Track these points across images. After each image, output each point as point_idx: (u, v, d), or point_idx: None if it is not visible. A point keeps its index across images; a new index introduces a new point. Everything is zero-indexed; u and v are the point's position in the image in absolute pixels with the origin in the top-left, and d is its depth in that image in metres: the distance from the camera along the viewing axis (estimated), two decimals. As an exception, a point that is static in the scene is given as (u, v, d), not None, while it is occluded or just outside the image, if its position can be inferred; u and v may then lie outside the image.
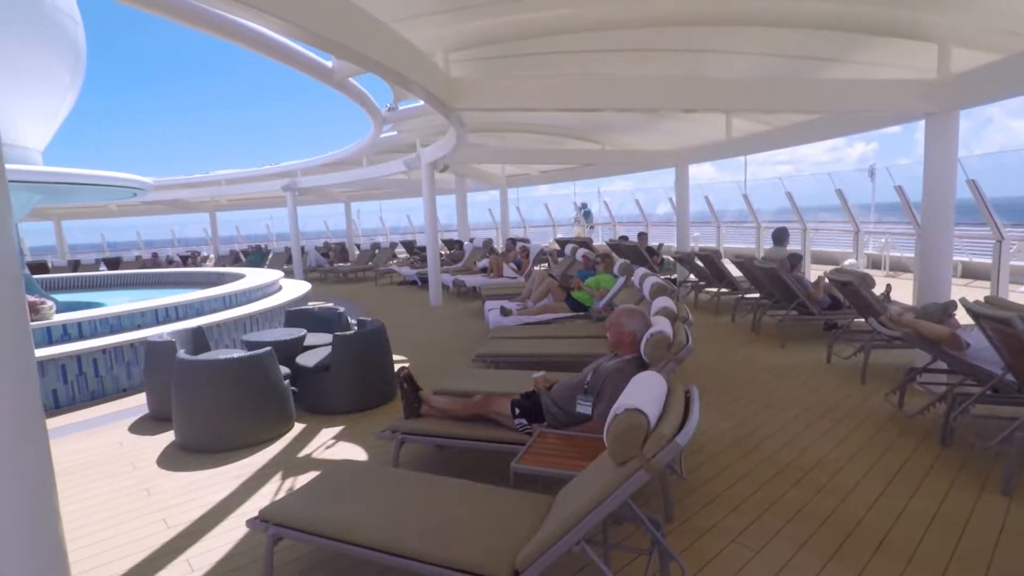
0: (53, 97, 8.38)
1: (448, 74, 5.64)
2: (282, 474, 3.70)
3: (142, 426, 4.73)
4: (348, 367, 4.72)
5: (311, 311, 6.23)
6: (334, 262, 18.26)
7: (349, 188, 20.30)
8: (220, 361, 4.13)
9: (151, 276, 12.51)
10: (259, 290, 8.35)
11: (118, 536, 3.04)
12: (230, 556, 2.80)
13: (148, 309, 6.50)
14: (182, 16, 3.38)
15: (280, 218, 26.83)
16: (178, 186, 20.19)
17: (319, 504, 2.47)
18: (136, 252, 23.78)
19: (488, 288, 9.74)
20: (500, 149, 13.12)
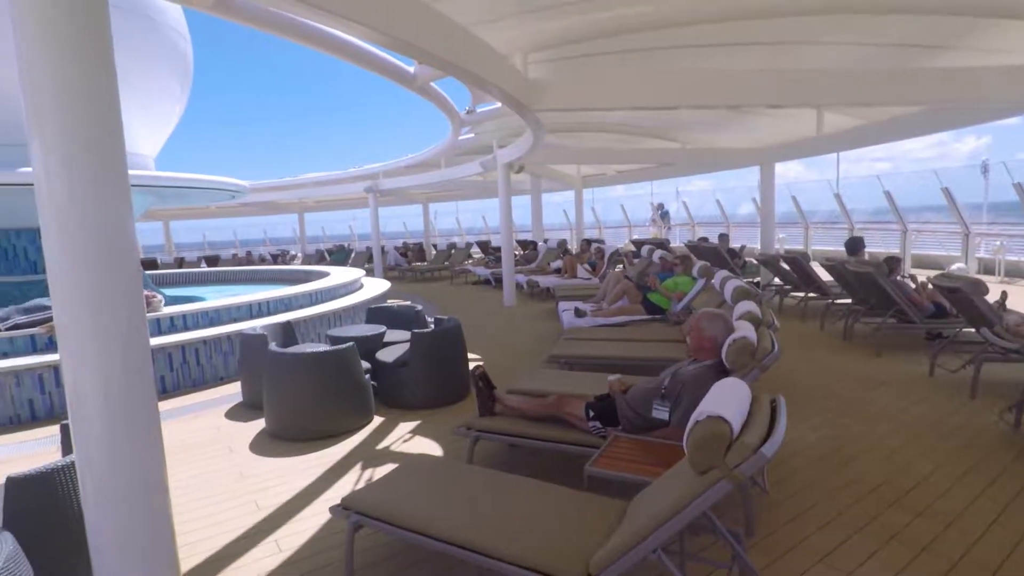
0: (165, 108, 9.14)
1: (526, 75, 5.67)
2: (362, 464, 3.85)
3: (237, 413, 5.06)
4: (425, 363, 4.84)
5: (391, 308, 6.45)
6: (412, 261, 18.82)
7: (427, 189, 20.85)
8: (307, 354, 4.35)
9: (245, 273, 13.38)
10: (342, 287, 8.73)
11: (215, 514, 3.26)
12: (314, 539, 2.94)
13: (243, 304, 6.95)
14: (277, 28, 3.59)
15: (362, 219, 28.03)
16: (270, 188, 21.48)
17: (398, 496, 2.55)
18: (232, 250, 25.58)
19: (562, 289, 9.71)
20: (576, 149, 13.05)
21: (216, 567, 2.74)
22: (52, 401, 5.11)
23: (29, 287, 7.59)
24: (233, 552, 2.88)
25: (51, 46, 1.55)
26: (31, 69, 1.54)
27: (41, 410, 5.08)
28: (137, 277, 1.74)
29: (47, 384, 5.10)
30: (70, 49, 1.57)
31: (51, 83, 1.56)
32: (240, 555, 2.84)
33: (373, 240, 17.77)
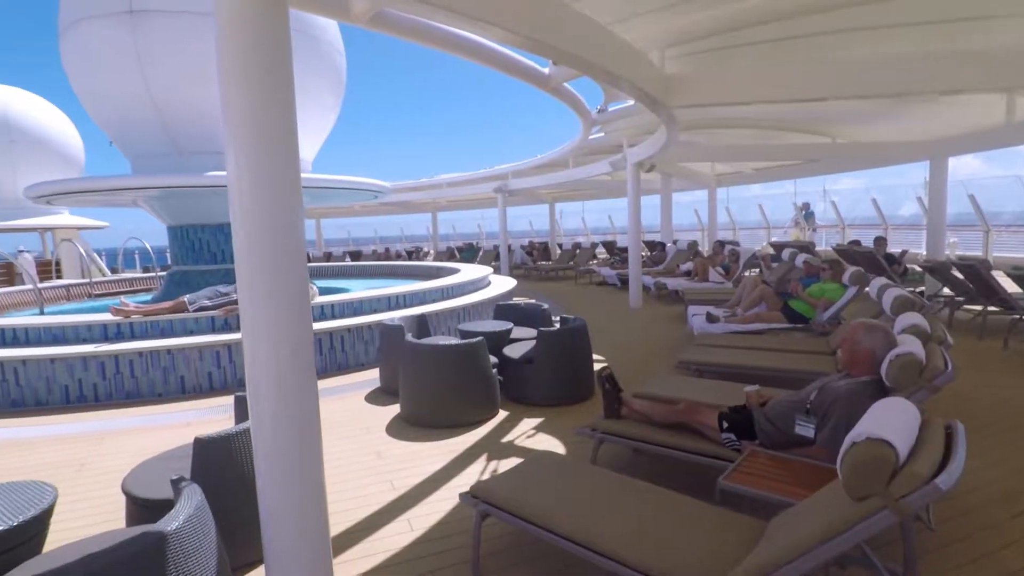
0: (321, 117, 10.06)
1: (663, 71, 5.50)
2: (487, 455, 3.97)
3: (375, 397, 5.45)
4: (550, 361, 4.88)
5: (517, 306, 6.58)
6: (537, 260, 19.08)
7: (554, 189, 21.02)
8: (441, 346, 4.58)
9: (384, 267, 14.36)
10: (472, 284, 9.07)
11: (355, 488, 3.54)
12: (443, 523, 3.08)
13: (383, 296, 7.47)
14: (426, 39, 3.81)
15: (490, 218, 28.92)
16: (407, 189, 22.86)
17: (524, 489, 2.59)
18: (373, 246, 27.63)
19: (692, 292, 9.31)
20: (712, 147, 12.44)
21: (356, 537, 2.97)
22: (225, 375, 5.85)
23: (210, 275, 8.75)
24: (370, 525, 3.10)
25: (245, 72, 1.79)
26: (228, 91, 1.79)
27: (217, 382, 5.83)
28: (304, 270, 1.94)
29: (222, 359, 5.85)
30: (258, 76, 1.81)
31: (242, 103, 1.81)
32: (376, 529, 3.06)
33: (500, 239, 18.25)
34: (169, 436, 4.52)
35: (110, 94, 8.53)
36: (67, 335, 5.98)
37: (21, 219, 18.13)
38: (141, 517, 2.58)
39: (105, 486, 3.62)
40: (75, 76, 8.66)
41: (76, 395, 5.52)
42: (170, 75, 8.14)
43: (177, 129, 8.62)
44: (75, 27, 8.19)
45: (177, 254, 9.38)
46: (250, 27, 1.75)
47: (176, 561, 1.73)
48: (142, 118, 8.54)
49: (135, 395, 5.61)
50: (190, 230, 9.14)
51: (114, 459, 4.12)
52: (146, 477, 2.75)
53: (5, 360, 5.42)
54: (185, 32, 7.97)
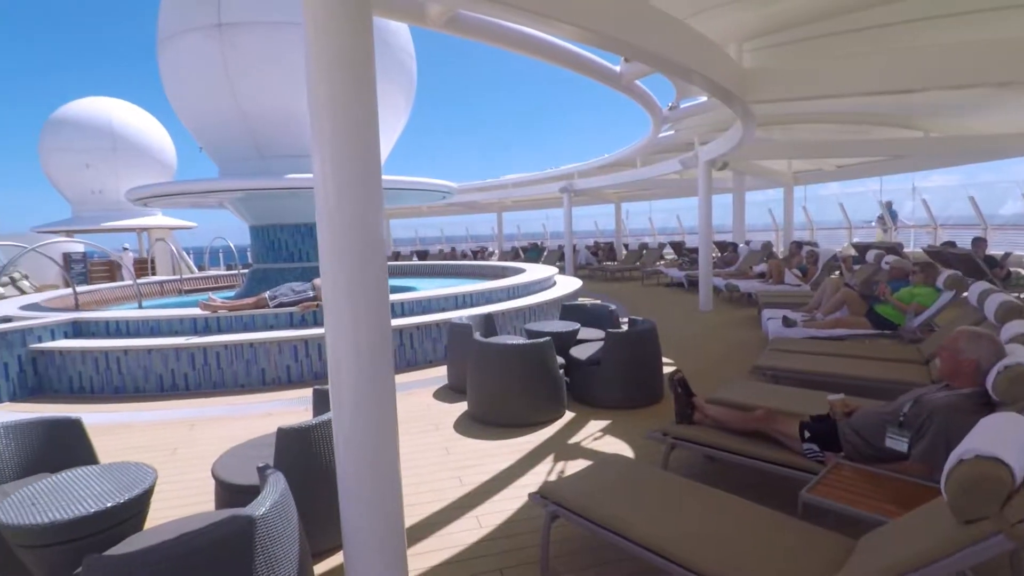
0: (393, 119, 10.35)
1: (741, 65, 5.30)
2: (554, 456, 3.95)
3: (443, 394, 5.54)
4: (618, 363, 4.81)
5: (584, 307, 6.53)
6: (602, 261, 18.88)
7: (621, 189, 20.71)
8: (508, 345, 4.60)
9: (450, 267, 14.60)
10: (537, 284, 9.07)
11: (425, 482, 3.61)
12: (511, 521, 3.09)
13: (450, 295, 7.59)
14: (501, 40, 3.84)
15: (555, 218, 28.85)
16: (473, 189, 23.16)
17: (594, 492, 2.56)
18: (439, 246, 28.18)
19: (766, 295, 8.93)
20: (790, 143, 11.88)
21: (426, 530, 3.02)
22: (302, 368, 6.12)
23: (288, 272, 9.18)
24: (439, 520, 3.15)
25: (331, 78, 1.87)
26: (315, 97, 1.88)
27: (295, 374, 6.10)
28: (383, 267, 2.00)
29: (299, 353, 6.12)
30: (343, 82, 1.89)
31: (328, 108, 1.89)
32: (445, 523, 3.11)
33: (565, 239, 18.16)
34: (251, 425, 4.77)
35: (201, 103, 9.12)
36: (162, 328, 6.43)
37: (122, 220, 19.71)
38: (229, 501, 2.74)
39: (196, 470, 3.86)
40: (170, 87, 9.31)
41: (169, 384, 5.93)
42: (254, 83, 8.61)
43: (260, 134, 9.10)
44: (171, 41, 8.80)
45: (258, 252, 9.90)
46: (336, 35, 1.82)
47: (263, 544, 1.82)
48: (228, 125, 9.07)
49: (220, 385, 5.96)
50: (270, 230, 9.62)
51: (203, 445, 4.39)
52: (233, 463, 2.91)
53: (110, 350, 5.89)
54: (269, 42, 8.40)
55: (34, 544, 2.13)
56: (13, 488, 2.72)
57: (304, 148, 9.21)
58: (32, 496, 2.31)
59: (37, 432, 3.00)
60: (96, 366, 5.93)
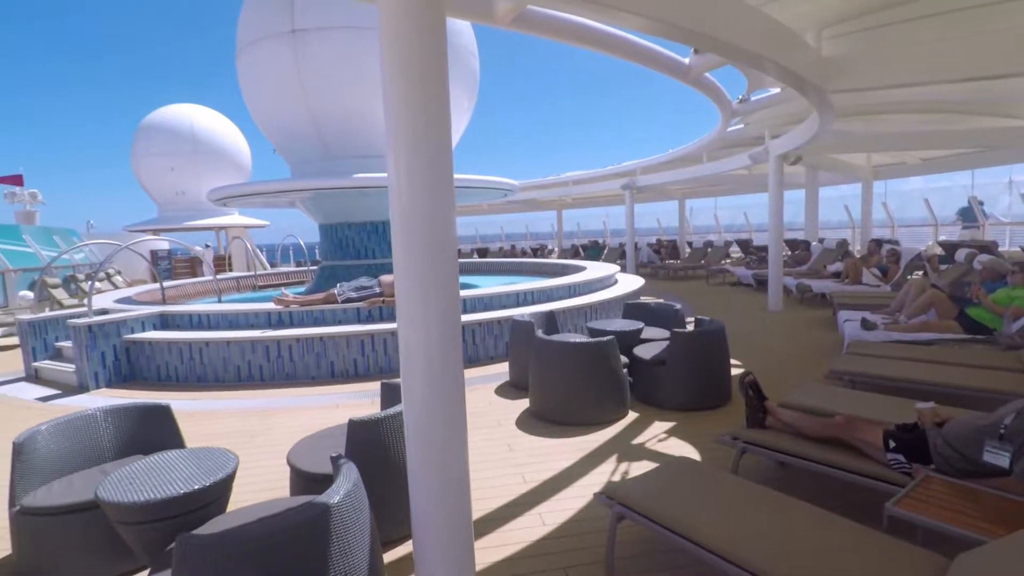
0: (457, 119, 10.50)
1: (820, 53, 5.03)
2: (617, 456, 3.90)
3: (504, 390, 5.57)
4: (684, 364, 4.69)
5: (647, 305, 6.40)
6: (665, 259, 18.47)
7: (685, 185, 20.19)
8: (570, 343, 4.57)
9: (509, 264, 14.66)
10: (598, 282, 8.97)
11: (489, 478, 3.63)
12: (575, 520, 3.07)
13: (511, 292, 7.62)
14: (568, 36, 3.81)
15: (615, 215, 28.45)
16: (534, 187, 23.16)
17: (662, 494, 2.51)
18: (499, 244, 28.36)
19: (842, 296, 8.48)
20: (871, 135, 11.20)
21: (491, 525, 3.05)
22: (368, 362, 6.30)
23: (355, 269, 9.48)
24: (503, 515, 3.17)
25: (405, 79, 1.91)
26: (390, 97, 1.93)
27: (361, 368, 6.29)
28: (454, 265, 2.03)
29: (366, 348, 6.30)
30: (417, 82, 1.92)
31: (403, 108, 1.93)
32: (509, 519, 3.12)
33: (627, 236, 17.87)
34: (321, 416, 4.95)
35: (275, 107, 9.54)
36: (239, 321, 6.78)
37: (202, 219, 20.94)
38: (304, 487, 2.85)
39: (271, 457, 4.05)
40: (247, 92, 9.79)
41: (246, 374, 6.24)
42: (324, 86, 8.93)
43: (329, 136, 9.44)
44: (248, 49, 9.25)
45: (327, 250, 10.28)
46: (410, 36, 1.86)
47: (337, 532, 1.88)
48: (300, 127, 9.45)
49: (292, 377, 6.23)
50: (338, 228, 9.97)
51: (277, 433, 4.59)
52: (306, 452, 3.03)
53: (193, 341, 6.26)
54: (338, 47, 8.70)
55: (131, 521, 2.29)
56: (112, 468, 2.94)
57: (371, 148, 9.49)
58: (130, 476, 2.48)
59: (132, 416, 3.22)
60: (181, 356, 6.32)
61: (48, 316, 7.23)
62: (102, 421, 3.13)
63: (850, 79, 4.98)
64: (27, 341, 6.99)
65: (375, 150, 9.51)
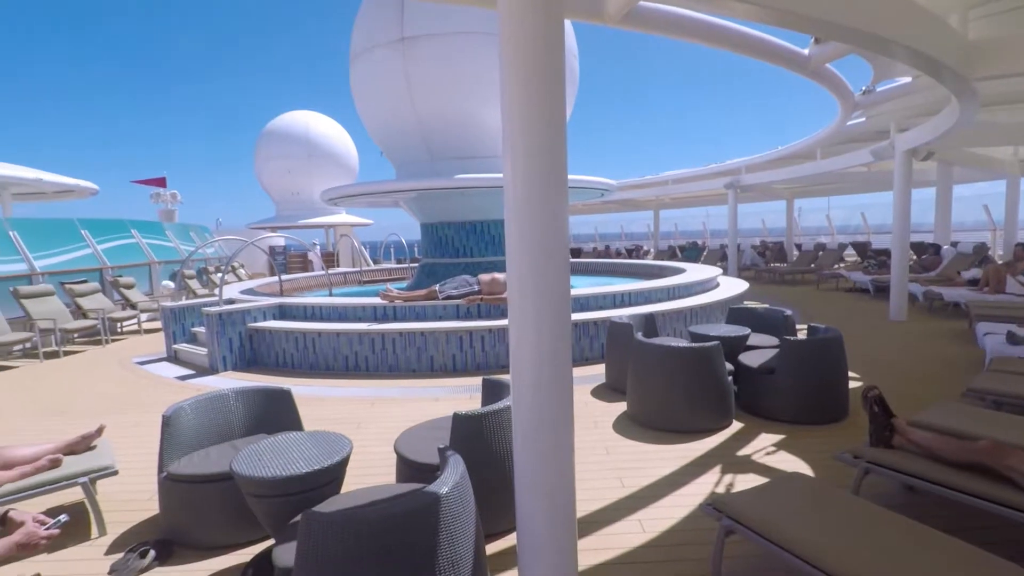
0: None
1: (965, 36, 4.53)
2: (722, 467, 3.73)
3: (600, 392, 5.50)
4: (796, 374, 4.41)
5: (754, 311, 6.08)
6: (770, 262, 17.49)
7: (795, 184, 18.97)
8: (672, 347, 4.43)
9: (604, 265, 14.46)
10: (699, 284, 8.64)
11: (585, 480, 3.60)
12: (677, 530, 2.97)
13: (607, 293, 7.52)
14: (681, 31, 3.70)
15: (716, 215, 27.26)
16: (630, 187, 22.72)
17: (776, 511, 2.37)
18: (592, 244, 28.06)
19: (981, 306, 7.61)
20: (1018, 125, 9.95)
21: (589, 527, 3.02)
22: (467, 358, 6.46)
23: (454, 267, 9.75)
24: (601, 519, 3.13)
25: (522, 85, 1.94)
26: (508, 98, 1.96)
27: (460, 363, 6.47)
28: (566, 265, 2.03)
29: (464, 344, 6.46)
30: (535, 83, 1.94)
31: (519, 112, 1.95)
32: (607, 524, 3.08)
33: (729, 237, 17.09)
34: (422, 407, 5.14)
35: (384, 112, 10.01)
36: (347, 314, 7.18)
37: (314, 218, 22.44)
38: (410, 475, 2.97)
39: (377, 444, 4.26)
40: (359, 97, 10.35)
41: (353, 364, 6.61)
42: (430, 91, 9.26)
43: (433, 139, 9.77)
44: (361, 57, 9.78)
45: (427, 248, 10.66)
46: (529, 39, 1.87)
47: (445, 521, 1.94)
48: (406, 130, 9.86)
49: (395, 369, 6.51)
50: (439, 227, 10.30)
51: (382, 422, 4.82)
52: (412, 442, 3.16)
53: (307, 331, 6.72)
54: (444, 52, 8.99)
55: (259, 494, 2.49)
56: (242, 444, 3.21)
57: (472, 150, 9.72)
58: (258, 453, 2.70)
59: (258, 398, 3.51)
60: (296, 344, 6.80)
61: (185, 304, 8.04)
62: (233, 401, 3.43)
63: (1000, 64, 4.43)
64: (169, 325, 7.82)
65: (476, 151, 9.73)
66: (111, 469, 3.19)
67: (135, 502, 3.47)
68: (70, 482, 3.05)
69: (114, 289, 11.11)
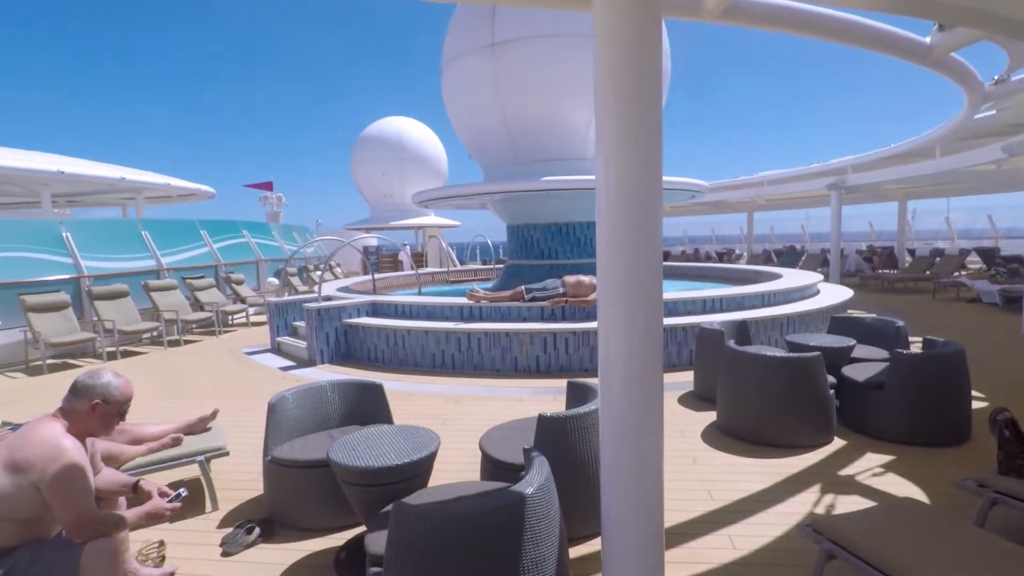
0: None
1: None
2: (821, 487, 3.50)
3: (688, 400, 5.32)
4: (909, 391, 4.05)
5: (860, 320, 5.64)
6: (877, 268, 16.21)
7: (908, 184, 17.45)
8: (769, 357, 4.21)
9: (693, 269, 13.95)
10: (797, 291, 8.16)
11: (671, 490, 3.46)
12: (770, 549, 2.82)
13: (697, 298, 7.26)
14: (784, 24, 3.50)
15: (817, 218, 25.61)
16: (723, 188, 21.83)
17: (885, 538, 2.19)
18: (681, 247, 27.20)
19: None
20: None
21: (676, 539, 2.93)
22: (550, 360, 6.46)
23: (538, 269, 9.79)
24: (688, 531, 3.03)
25: (618, 85, 1.91)
26: (602, 99, 1.94)
27: (543, 365, 6.48)
28: (659, 269, 1.98)
29: (548, 346, 6.47)
30: (630, 83, 1.91)
31: (615, 112, 1.93)
32: (695, 536, 2.97)
33: (832, 242, 15.99)
34: (506, 407, 5.19)
35: (474, 116, 10.24)
36: (435, 312, 7.39)
37: (404, 219, 23.34)
38: (494, 473, 3.01)
39: (461, 440, 4.35)
40: (450, 102, 10.64)
41: (439, 362, 6.79)
42: (518, 94, 9.37)
43: (520, 141, 9.87)
44: (452, 63, 10.06)
45: (512, 249, 10.77)
46: (626, 38, 1.84)
47: (530, 521, 1.95)
48: (494, 133, 10.03)
49: (480, 368, 6.63)
50: (524, 229, 10.38)
51: (466, 419, 4.92)
52: (497, 440, 3.20)
53: (397, 328, 6.99)
54: (533, 55, 9.07)
55: (354, 482, 2.62)
56: (337, 434, 3.39)
57: (558, 152, 9.73)
58: (353, 443, 2.84)
59: (353, 391, 3.69)
60: (387, 341, 7.09)
61: (288, 300, 8.61)
62: (330, 392, 3.63)
63: None
64: (273, 319, 8.40)
65: (562, 153, 9.73)
66: (223, 450, 3.47)
67: (242, 481, 3.76)
68: (189, 460, 3.35)
69: (227, 284, 12.08)
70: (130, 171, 15.17)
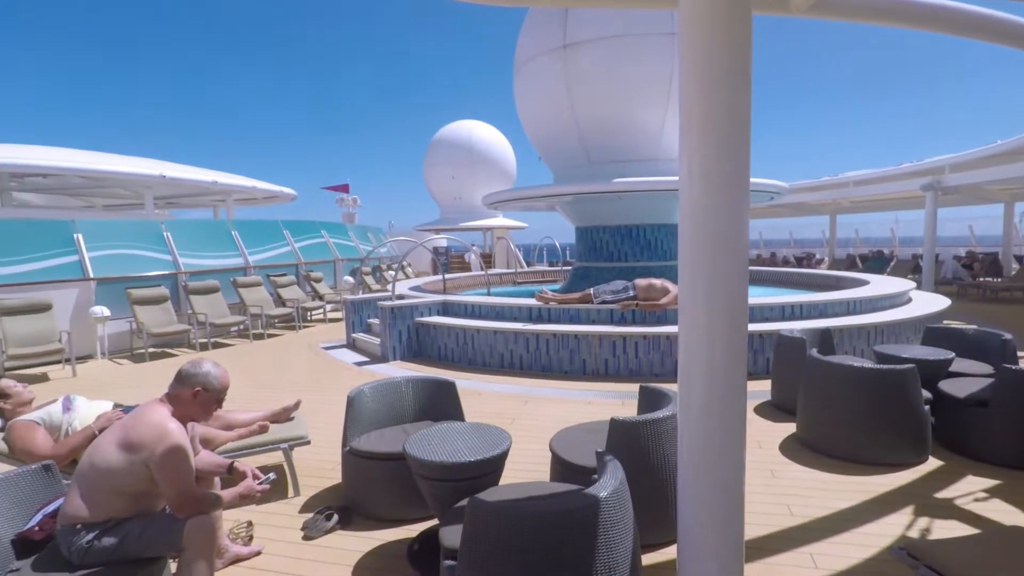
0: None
1: None
2: (915, 509, 3.27)
3: (765, 411, 5.11)
4: (1018, 409, 3.71)
5: (960, 331, 5.22)
6: (978, 276, 14.96)
7: (1017, 184, 15.98)
8: (857, 368, 3.97)
9: (771, 274, 13.36)
10: (886, 299, 7.66)
11: (748, 503, 3.33)
12: (857, 571, 2.67)
13: (775, 304, 6.96)
14: (877, 15, 3.29)
15: (907, 221, 23.95)
16: (803, 189, 20.79)
17: (992, 568, 2.02)
18: (757, 251, 26.12)
19: None
20: None
21: (755, 553, 2.82)
22: (619, 363, 6.38)
23: (607, 271, 9.68)
24: (767, 546, 2.91)
25: (706, 83, 1.87)
26: (688, 101, 1.90)
27: (612, 368, 6.40)
28: (744, 273, 1.91)
29: (617, 349, 6.39)
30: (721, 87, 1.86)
31: (701, 111, 1.89)
32: (774, 552, 2.85)
33: (925, 246, 14.91)
34: (575, 409, 5.17)
35: (545, 117, 10.26)
36: (504, 313, 7.46)
37: (473, 221, 23.69)
38: (564, 475, 3.01)
39: (530, 441, 4.37)
40: (521, 105, 10.71)
41: (508, 362, 6.85)
42: (589, 95, 9.31)
43: (590, 142, 9.80)
44: (525, 66, 10.12)
45: (581, 251, 10.70)
46: (715, 35, 1.80)
47: (604, 525, 1.94)
48: (565, 135, 10.01)
49: (548, 369, 6.63)
50: (593, 231, 10.29)
51: (535, 420, 4.94)
52: (568, 442, 3.19)
53: (467, 328, 7.11)
54: (604, 56, 8.99)
55: (428, 476, 2.69)
56: (411, 428, 3.49)
57: (628, 153, 9.59)
58: (427, 438, 2.92)
59: (426, 387, 3.79)
60: (456, 340, 7.22)
61: (363, 298, 8.94)
62: (404, 388, 3.74)
63: None
64: (349, 316, 8.75)
65: (633, 154, 9.58)
66: (305, 439, 3.65)
67: (322, 470, 3.94)
68: (274, 447, 3.55)
69: (306, 282, 12.69)
70: (221, 175, 16.21)
